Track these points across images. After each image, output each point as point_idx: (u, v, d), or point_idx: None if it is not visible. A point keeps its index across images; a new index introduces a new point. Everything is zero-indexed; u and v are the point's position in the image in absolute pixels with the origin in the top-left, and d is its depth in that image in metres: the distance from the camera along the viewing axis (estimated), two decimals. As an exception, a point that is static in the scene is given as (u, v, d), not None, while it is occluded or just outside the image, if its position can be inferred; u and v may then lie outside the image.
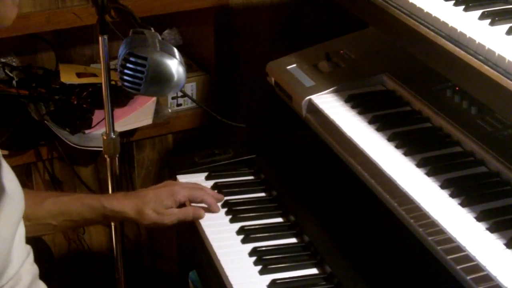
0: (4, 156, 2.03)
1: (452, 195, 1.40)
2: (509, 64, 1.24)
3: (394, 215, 1.51)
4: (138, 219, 1.69)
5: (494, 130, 1.54)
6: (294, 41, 2.43)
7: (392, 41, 1.74)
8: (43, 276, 1.51)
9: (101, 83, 1.77)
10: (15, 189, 1.35)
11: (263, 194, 1.88)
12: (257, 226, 1.73)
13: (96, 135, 2.07)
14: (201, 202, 1.77)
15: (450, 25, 1.39)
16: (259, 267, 1.58)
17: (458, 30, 1.37)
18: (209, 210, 1.77)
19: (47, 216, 1.64)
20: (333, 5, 2.40)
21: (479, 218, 1.34)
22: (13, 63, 2.15)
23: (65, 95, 2.12)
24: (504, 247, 1.28)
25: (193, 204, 1.76)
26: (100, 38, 1.71)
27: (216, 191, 1.84)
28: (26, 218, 1.58)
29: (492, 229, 1.31)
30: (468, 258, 1.28)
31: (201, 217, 1.74)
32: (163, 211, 1.70)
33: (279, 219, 1.77)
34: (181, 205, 1.74)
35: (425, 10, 1.46)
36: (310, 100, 1.80)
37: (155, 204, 1.69)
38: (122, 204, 1.69)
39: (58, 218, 1.65)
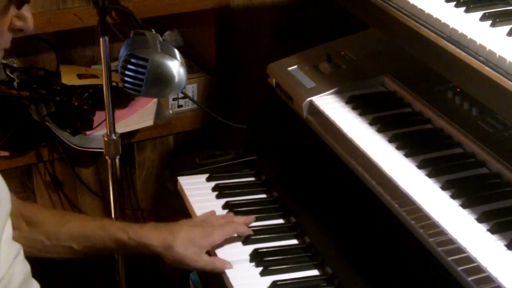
0: (5, 157, 2.05)
1: (453, 196, 1.40)
2: (510, 65, 1.24)
3: (395, 216, 1.51)
4: (163, 254, 1.59)
5: (495, 131, 1.54)
6: (295, 42, 2.43)
7: (393, 42, 1.74)
8: (43, 277, 1.51)
9: (102, 84, 1.77)
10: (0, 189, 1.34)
11: (264, 196, 1.88)
12: (258, 228, 1.72)
13: (97, 136, 2.07)
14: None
15: (451, 26, 1.39)
16: (260, 269, 1.58)
17: (459, 32, 1.37)
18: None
19: (69, 239, 1.58)
20: (334, 6, 2.39)
21: (480, 219, 1.34)
22: (14, 64, 2.15)
23: (66, 96, 2.12)
24: (505, 248, 1.28)
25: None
26: (101, 39, 1.71)
27: (228, 210, 1.78)
28: (47, 237, 1.56)
29: (493, 230, 1.31)
30: (469, 259, 1.28)
31: (226, 269, 1.61)
32: (193, 252, 1.60)
33: (280, 221, 1.78)
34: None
35: (426, 12, 1.46)
36: (311, 101, 1.80)
37: (187, 242, 1.60)
38: (150, 236, 1.59)
39: (80, 242, 1.59)
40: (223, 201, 1.84)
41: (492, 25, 1.37)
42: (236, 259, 1.62)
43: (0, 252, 1.32)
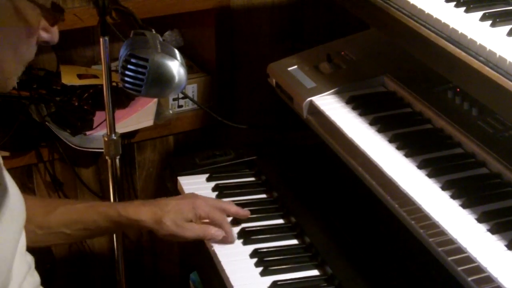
0: (5, 158, 2.04)
1: (453, 197, 1.40)
2: (510, 66, 1.24)
3: (395, 216, 1.51)
4: (155, 229, 1.61)
5: (495, 131, 1.54)
6: (295, 42, 2.43)
7: (393, 42, 1.74)
8: (44, 278, 1.50)
9: (102, 85, 1.77)
10: (16, 199, 1.32)
11: (264, 196, 1.88)
12: (258, 228, 1.72)
13: (97, 136, 2.07)
14: (218, 226, 1.67)
15: (451, 26, 1.39)
16: (260, 269, 1.58)
17: (459, 32, 1.37)
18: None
19: (60, 225, 1.58)
20: (334, 6, 2.40)
21: (480, 220, 1.34)
22: (14, 65, 2.15)
23: (66, 96, 2.12)
24: (505, 248, 1.28)
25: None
26: (101, 39, 1.71)
27: (235, 204, 1.76)
28: (38, 227, 1.56)
29: (493, 230, 1.31)
30: (469, 259, 1.28)
31: (218, 239, 1.65)
32: (183, 223, 1.62)
33: (280, 221, 1.77)
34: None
35: (426, 12, 1.46)
36: (311, 101, 1.80)
37: (175, 215, 1.61)
38: (139, 212, 1.61)
39: (72, 226, 1.59)
40: (223, 201, 1.84)
41: (492, 25, 1.37)
42: (236, 259, 1.62)
43: (13, 266, 1.31)
